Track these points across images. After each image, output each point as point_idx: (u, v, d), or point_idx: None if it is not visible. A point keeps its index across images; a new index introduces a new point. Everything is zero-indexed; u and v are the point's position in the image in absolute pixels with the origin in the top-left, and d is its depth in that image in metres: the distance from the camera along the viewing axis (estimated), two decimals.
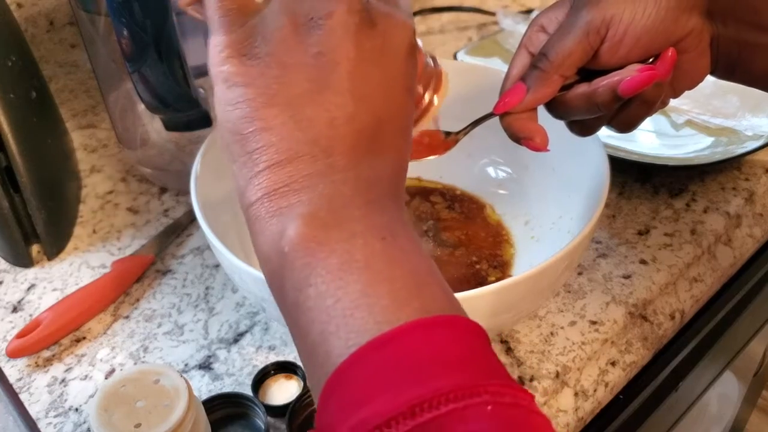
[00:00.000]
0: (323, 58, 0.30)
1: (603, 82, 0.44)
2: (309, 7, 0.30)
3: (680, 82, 0.46)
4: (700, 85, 0.47)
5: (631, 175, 0.69)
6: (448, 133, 0.49)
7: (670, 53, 0.44)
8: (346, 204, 0.29)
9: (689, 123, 0.72)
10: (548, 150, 0.46)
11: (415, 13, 0.94)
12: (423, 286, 0.28)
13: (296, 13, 0.31)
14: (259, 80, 0.30)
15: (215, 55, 0.31)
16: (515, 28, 0.86)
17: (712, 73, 0.47)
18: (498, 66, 0.80)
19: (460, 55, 0.81)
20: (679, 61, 0.44)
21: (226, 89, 0.31)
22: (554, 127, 0.48)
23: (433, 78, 0.42)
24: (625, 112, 0.46)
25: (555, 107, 0.46)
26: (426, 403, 0.24)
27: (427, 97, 0.41)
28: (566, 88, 0.45)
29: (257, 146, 0.30)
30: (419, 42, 0.36)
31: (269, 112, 0.30)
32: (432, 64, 0.42)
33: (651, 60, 0.44)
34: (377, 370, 0.25)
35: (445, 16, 0.95)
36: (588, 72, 0.45)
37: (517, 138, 0.46)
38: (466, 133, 0.49)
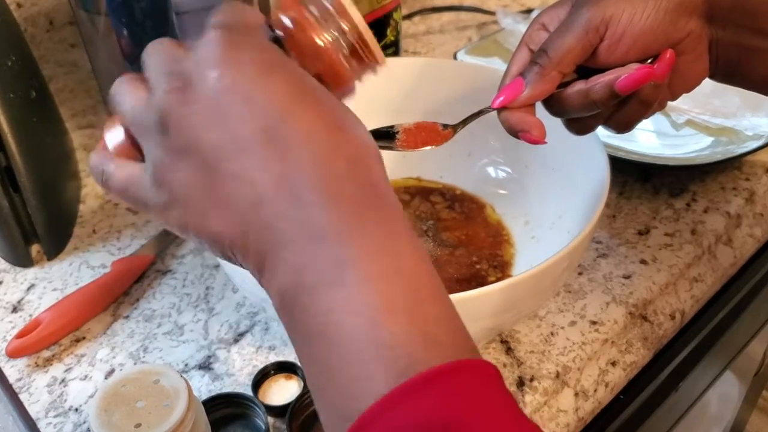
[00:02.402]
0: (189, 156, 0.30)
1: (600, 80, 0.44)
2: (149, 124, 0.31)
3: (678, 85, 0.47)
4: (701, 84, 0.47)
5: (631, 175, 0.69)
6: (445, 126, 0.49)
7: (668, 54, 0.44)
8: (311, 259, 0.28)
9: (689, 123, 0.72)
10: (546, 142, 0.46)
11: (415, 13, 0.94)
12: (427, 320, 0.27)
13: (147, 131, 0.31)
14: (185, 212, 0.30)
15: (161, 220, 0.32)
16: (515, 27, 0.86)
17: (712, 77, 0.47)
18: (498, 66, 0.80)
19: (460, 55, 0.81)
20: (677, 64, 0.44)
21: (184, 234, 0.32)
22: (554, 127, 0.48)
23: (333, 16, 0.34)
24: (622, 112, 0.46)
25: (552, 104, 0.47)
26: None
27: (344, 26, 0.34)
28: (564, 85, 0.45)
29: (226, 252, 0.30)
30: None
31: (210, 221, 0.30)
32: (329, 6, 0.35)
33: (650, 61, 0.44)
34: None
35: (445, 16, 0.95)
36: (586, 70, 0.45)
37: (514, 131, 0.46)
38: (464, 126, 0.49)
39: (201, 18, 0.33)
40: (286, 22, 0.33)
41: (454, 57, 0.81)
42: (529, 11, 0.91)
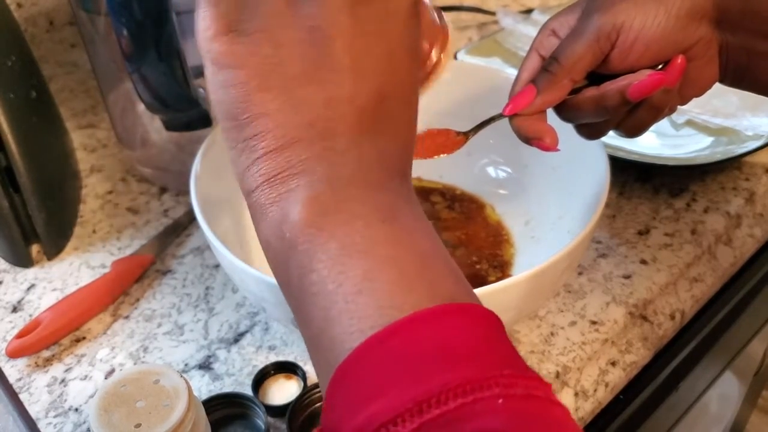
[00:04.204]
0: (318, 33, 0.28)
1: (612, 86, 0.44)
2: None
3: (688, 90, 0.47)
4: None
5: (631, 175, 0.69)
6: (458, 133, 0.49)
7: (679, 60, 0.44)
8: (345, 186, 0.28)
9: (689, 123, 0.72)
10: (558, 150, 0.46)
11: None
12: (429, 269, 0.27)
13: None
14: (251, 60, 0.28)
15: (202, 31, 0.29)
16: (515, 27, 0.86)
17: (721, 81, 0.47)
18: (498, 66, 0.80)
19: (461, 55, 0.81)
20: (688, 69, 0.44)
21: (216, 71, 0.29)
22: (554, 127, 0.48)
23: (440, 34, 0.38)
24: (633, 117, 0.46)
25: (564, 110, 0.47)
26: (433, 399, 0.23)
27: (434, 55, 0.37)
28: (575, 91, 0.46)
29: (253, 133, 0.28)
30: None
31: (264, 96, 0.28)
32: (437, 19, 0.39)
33: (660, 67, 0.44)
34: (382, 365, 0.24)
35: (446, 16, 0.95)
36: (597, 77, 0.45)
37: (526, 138, 0.47)
38: (475, 133, 0.49)
39: None
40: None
41: (455, 57, 0.81)
42: (529, 11, 0.91)
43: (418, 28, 0.31)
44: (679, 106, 0.49)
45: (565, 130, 0.49)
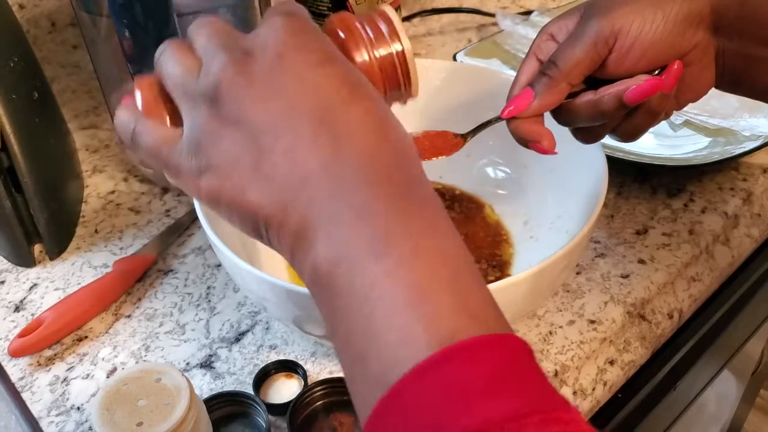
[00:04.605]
0: (241, 122, 0.30)
1: (609, 90, 0.44)
2: (198, 92, 0.31)
3: (685, 94, 0.47)
4: None
5: (629, 175, 0.69)
6: (455, 135, 0.50)
7: (676, 66, 0.44)
8: (348, 224, 0.29)
9: (687, 123, 0.73)
10: (556, 153, 0.46)
11: (415, 15, 0.94)
12: (459, 287, 0.28)
13: (193, 100, 0.32)
14: (222, 182, 0.31)
15: (190, 193, 0.33)
16: (514, 29, 0.87)
17: (717, 86, 0.47)
18: (497, 67, 0.81)
19: (460, 57, 0.82)
20: (684, 74, 0.45)
21: (215, 207, 0.32)
22: (554, 128, 0.48)
23: (384, 38, 0.36)
24: (630, 121, 0.46)
25: (561, 114, 0.47)
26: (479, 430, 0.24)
27: (379, 53, 0.35)
28: (573, 95, 0.46)
29: (263, 225, 0.31)
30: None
31: (248, 194, 0.30)
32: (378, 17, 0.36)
33: (657, 72, 0.45)
34: (427, 397, 0.25)
35: (445, 18, 0.96)
36: (595, 81, 0.45)
37: (524, 141, 0.47)
38: (473, 135, 0.50)
39: None
40: (340, 33, 0.34)
41: (454, 58, 0.82)
42: (528, 13, 0.92)
43: (321, 43, 0.32)
44: (684, 108, 0.49)
45: (563, 131, 0.50)
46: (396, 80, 0.35)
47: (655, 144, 0.71)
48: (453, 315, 0.27)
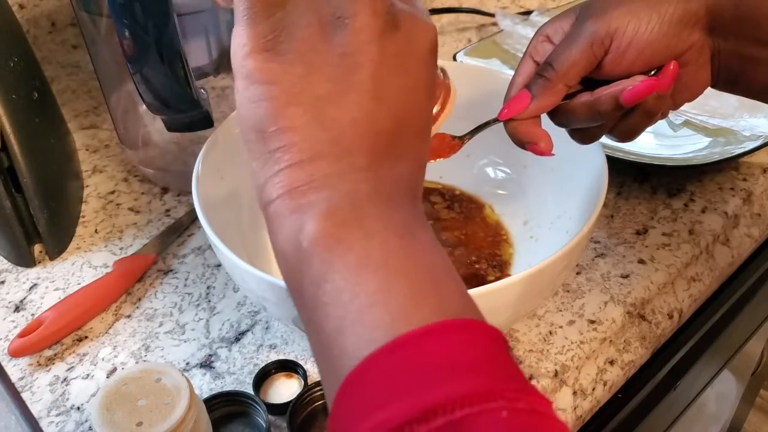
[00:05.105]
0: (348, 59, 0.30)
1: (605, 91, 0.45)
2: (335, 6, 0.30)
3: (680, 94, 0.47)
4: None
5: (629, 175, 0.69)
6: (453, 137, 0.50)
7: (672, 66, 0.44)
8: (365, 202, 0.29)
9: (687, 123, 0.73)
10: (553, 154, 0.46)
11: None
12: (440, 285, 0.28)
13: (322, 11, 0.30)
14: (283, 78, 0.30)
15: (238, 48, 0.31)
16: (514, 29, 0.87)
17: (713, 86, 0.47)
18: (497, 67, 0.81)
19: (460, 56, 0.82)
20: (680, 74, 0.45)
21: (248, 85, 0.30)
22: (553, 129, 0.48)
23: (442, 90, 0.42)
24: (626, 122, 0.47)
25: (558, 115, 0.47)
26: (440, 408, 0.23)
27: (435, 108, 0.41)
28: (569, 96, 0.46)
29: (280, 145, 0.30)
30: None
31: (293, 111, 0.30)
32: (441, 77, 0.43)
33: (653, 72, 0.45)
34: (391, 374, 0.25)
35: (445, 18, 0.96)
36: (591, 82, 0.46)
37: (521, 143, 0.47)
38: (471, 137, 0.50)
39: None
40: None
41: (454, 58, 0.82)
42: (527, 13, 0.92)
43: (435, 68, 0.33)
44: (680, 108, 0.49)
45: (562, 131, 0.50)
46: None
47: (655, 144, 0.71)
48: (425, 303, 0.27)
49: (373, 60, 0.30)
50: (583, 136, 0.49)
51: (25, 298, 0.61)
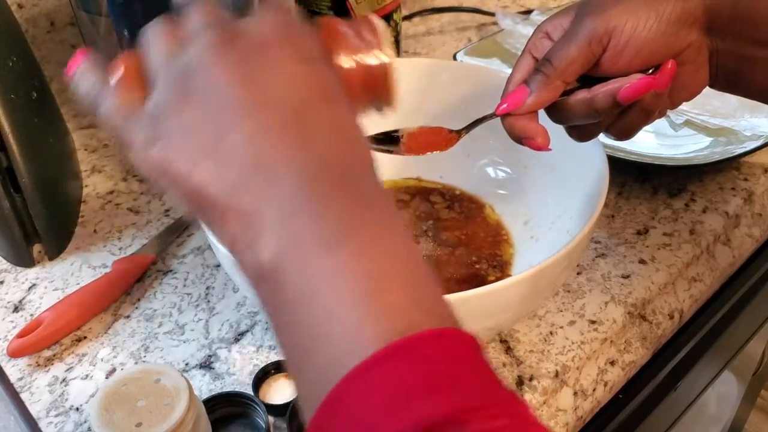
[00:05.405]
0: (208, 96, 0.30)
1: (603, 89, 0.45)
2: (181, 63, 0.31)
3: (678, 94, 0.47)
4: None
5: (630, 175, 0.69)
6: (450, 131, 0.50)
7: (669, 65, 0.45)
8: (296, 216, 0.28)
9: (688, 123, 0.73)
10: (550, 149, 0.47)
11: (415, 14, 0.94)
12: (384, 292, 0.27)
13: (172, 76, 0.31)
14: (175, 155, 0.30)
15: (139, 161, 0.32)
16: (514, 28, 0.86)
17: (711, 86, 0.48)
18: (497, 66, 0.80)
19: (460, 56, 0.82)
20: (678, 73, 0.45)
21: (161, 181, 0.31)
22: (554, 128, 0.48)
23: (369, 42, 0.37)
24: (624, 120, 0.47)
25: (555, 111, 0.47)
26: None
27: (366, 60, 0.36)
28: (567, 93, 0.46)
29: (208, 206, 0.30)
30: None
31: (198, 170, 0.30)
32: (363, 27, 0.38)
33: (651, 71, 0.45)
34: (369, 395, 0.25)
35: (445, 17, 0.96)
36: (589, 79, 0.46)
37: (518, 138, 0.47)
38: (468, 131, 0.50)
39: None
40: (327, 37, 0.35)
41: (454, 57, 0.82)
42: (528, 12, 0.92)
43: (305, 41, 0.32)
44: (678, 107, 0.50)
45: (563, 131, 0.50)
46: (375, 89, 0.35)
47: (656, 144, 0.71)
48: (406, 310, 0.27)
49: (230, 80, 0.30)
50: (581, 133, 0.49)
51: (24, 299, 0.60)
